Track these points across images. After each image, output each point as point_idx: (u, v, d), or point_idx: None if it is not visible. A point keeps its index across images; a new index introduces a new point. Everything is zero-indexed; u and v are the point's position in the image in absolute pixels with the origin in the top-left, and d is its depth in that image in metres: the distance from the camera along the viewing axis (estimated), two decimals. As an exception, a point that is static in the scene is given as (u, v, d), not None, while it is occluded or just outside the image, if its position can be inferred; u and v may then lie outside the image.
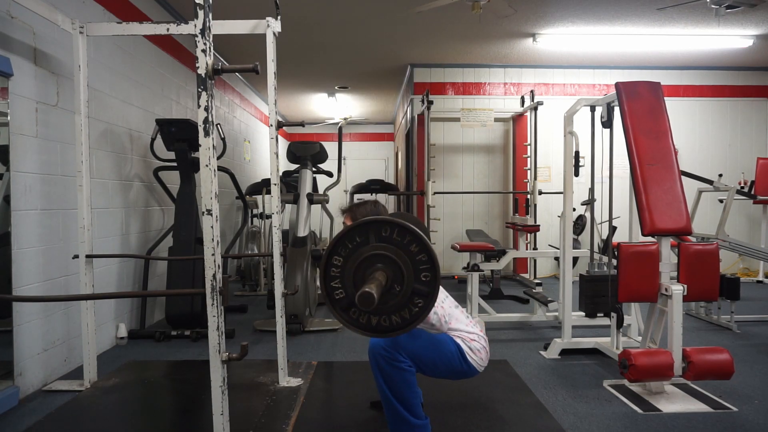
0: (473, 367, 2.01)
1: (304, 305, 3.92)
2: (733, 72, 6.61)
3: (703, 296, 2.61)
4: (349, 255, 1.55)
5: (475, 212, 6.70)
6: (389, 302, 1.53)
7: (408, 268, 1.53)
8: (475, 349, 2.01)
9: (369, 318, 1.57)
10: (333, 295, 1.57)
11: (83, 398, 2.63)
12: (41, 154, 2.80)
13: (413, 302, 1.54)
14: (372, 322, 1.57)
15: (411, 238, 1.53)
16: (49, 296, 1.88)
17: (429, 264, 1.53)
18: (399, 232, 1.53)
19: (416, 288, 1.53)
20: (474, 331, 2.06)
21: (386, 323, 1.57)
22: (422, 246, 1.53)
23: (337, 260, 1.56)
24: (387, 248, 1.53)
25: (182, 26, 2.67)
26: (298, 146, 4.80)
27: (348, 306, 1.57)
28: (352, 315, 1.58)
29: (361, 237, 1.55)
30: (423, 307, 1.54)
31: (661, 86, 2.85)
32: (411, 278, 1.53)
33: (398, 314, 1.56)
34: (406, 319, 1.56)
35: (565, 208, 3.36)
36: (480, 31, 5.26)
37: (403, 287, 1.53)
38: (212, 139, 1.46)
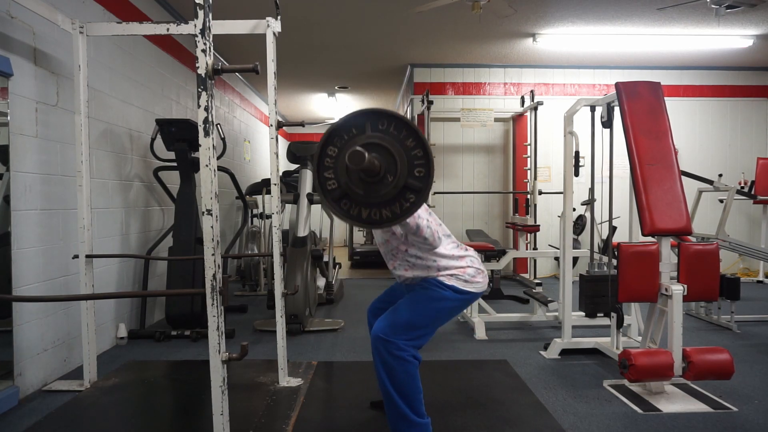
0: (474, 293, 2.02)
1: (304, 305, 3.92)
2: (733, 72, 6.61)
3: (703, 296, 2.61)
4: (344, 145, 1.54)
5: (475, 212, 6.70)
6: (381, 192, 1.52)
7: (402, 160, 1.51)
8: (470, 276, 2.00)
9: (360, 210, 1.56)
10: (326, 185, 1.57)
11: (83, 398, 2.63)
12: (41, 154, 2.80)
13: (405, 197, 1.53)
14: (362, 215, 1.57)
15: (408, 132, 1.52)
16: (49, 296, 1.88)
17: (424, 160, 1.52)
18: (396, 126, 1.52)
19: (409, 183, 1.52)
20: (465, 255, 2.05)
21: (376, 216, 1.56)
22: (418, 141, 1.52)
23: (332, 150, 1.55)
24: (383, 138, 1.51)
25: (182, 26, 2.67)
26: (298, 146, 4.80)
27: (340, 197, 1.56)
28: (344, 206, 1.57)
29: (357, 129, 1.54)
30: (414, 203, 1.53)
31: (661, 86, 2.84)
32: (404, 171, 1.51)
33: (389, 208, 1.55)
34: (396, 213, 1.55)
35: (565, 208, 3.36)
36: (480, 31, 5.26)
37: (395, 178, 1.51)
38: (212, 139, 1.46)
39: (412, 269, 2.04)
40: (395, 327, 1.90)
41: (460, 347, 3.52)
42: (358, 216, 1.57)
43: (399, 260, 2.06)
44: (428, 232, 1.84)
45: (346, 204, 1.57)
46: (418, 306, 1.96)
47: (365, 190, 1.53)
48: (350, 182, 1.54)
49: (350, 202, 1.56)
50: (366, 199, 1.54)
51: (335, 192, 1.56)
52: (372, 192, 1.53)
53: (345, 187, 1.55)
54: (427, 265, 2.00)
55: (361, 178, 1.53)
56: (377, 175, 1.51)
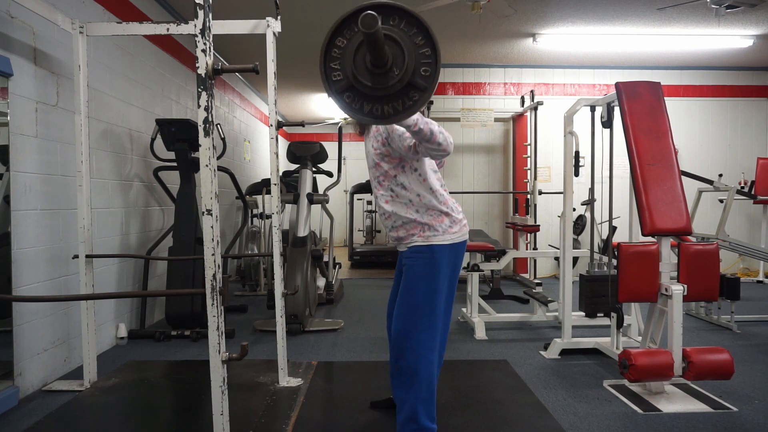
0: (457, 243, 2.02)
1: (304, 305, 3.92)
2: (733, 72, 6.61)
3: (703, 296, 2.61)
4: (352, 36, 1.51)
5: (475, 212, 6.70)
6: (385, 85, 1.50)
7: (410, 56, 1.49)
8: (446, 227, 2.00)
9: (362, 104, 1.54)
10: (331, 76, 1.54)
11: (83, 398, 2.63)
12: (41, 154, 2.80)
13: (408, 95, 1.51)
14: (365, 109, 1.55)
15: (418, 29, 1.50)
16: (49, 296, 1.88)
17: (431, 59, 1.50)
18: (407, 23, 1.50)
19: (414, 80, 1.50)
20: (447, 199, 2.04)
21: (378, 112, 1.54)
22: (428, 39, 1.49)
23: (340, 41, 1.52)
24: (393, 30, 1.49)
25: (182, 26, 2.66)
26: (298, 146, 4.80)
27: (344, 89, 1.54)
28: (347, 99, 1.55)
29: None
30: (417, 101, 1.51)
31: (661, 86, 2.85)
32: (411, 67, 1.49)
33: (391, 105, 1.53)
34: (398, 110, 1.53)
35: (565, 208, 3.36)
36: (480, 31, 5.26)
37: (401, 72, 1.49)
38: (212, 139, 1.46)
39: (392, 202, 2.03)
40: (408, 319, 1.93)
41: (460, 347, 3.52)
42: (361, 109, 1.55)
43: (383, 189, 2.05)
44: (441, 137, 1.80)
45: (350, 97, 1.55)
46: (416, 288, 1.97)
47: (371, 80, 1.51)
48: (356, 72, 1.51)
49: (353, 94, 1.54)
50: (370, 91, 1.52)
51: (340, 83, 1.54)
52: (376, 84, 1.50)
53: (350, 79, 1.52)
54: (409, 199, 2.00)
55: (368, 69, 1.51)
56: (385, 65, 1.49)
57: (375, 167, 2.07)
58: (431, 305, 1.97)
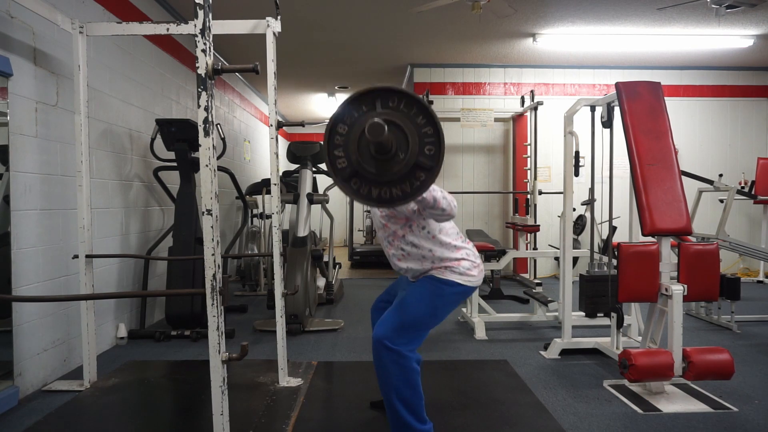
0: (468, 287, 2.02)
1: (304, 305, 3.92)
2: (733, 72, 6.60)
3: (703, 296, 2.61)
4: (354, 123, 1.52)
5: (475, 212, 6.70)
6: (392, 170, 1.51)
7: (413, 138, 1.49)
8: (465, 270, 2.00)
9: (370, 189, 1.55)
10: (336, 164, 1.54)
11: (83, 398, 2.63)
12: (41, 154, 2.80)
13: (415, 176, 1.52)
14: (373, 194, 1.55)
15: (418, 109, 1.50)
16: (49, 296, 1.88)
17: (434, 138, 1.50)
18: (407, 103, 1.50)
19: (419, 161, 1.51)
20: (462, 246, 2.04)
21: (387, 195, 1.54)
22: (429, 118, 1.50)
23: (342, 128, 1.53)
24: (393, 115, 1.50)
25: (182, 26, 2.66)
26: (298, 146, 4.80)
27: (350, 176, 1.54)
28: (354, 185, 1.55)
29: (367, 105, 1.51)
30: (424, 182, 1.52)
31: (661, 86, 2.84)
32: (415, 149, 1.50)
33: (399, 187, 1.53)
34: (407, 192, 1.53)
35: (565, 208, 3.36)
36: (480, 31, 5.26)
37: (406, 156, 1.50)
38: (212, 139, 1.46)
39: (405, 259, 2.03)
40: (395, 329, 1.90)
41: (460, 347, 3.52)
42: (369, 195, 1.55)
43: (394, 248, 2.05)
44: (445, 203, 1.81)
45: (357, 183, 1.55)
46: (415, 304, 1.96)
47: (376, 168, 1.51)
48: (361, 160, 1.52)
49: (360, 180, 1.55)
50: (377, 177, 1.52)
51: (345, 170, 1.54)
52: (383, 170, 1.51)
53: (356, 165, 1.53)
54: (422, 255, 1.99)
55: (373, 156, 1.51)
56: (389, 152, 1.50)
57: (383, 228, 2.07)
58: (422, 328, 1.96)
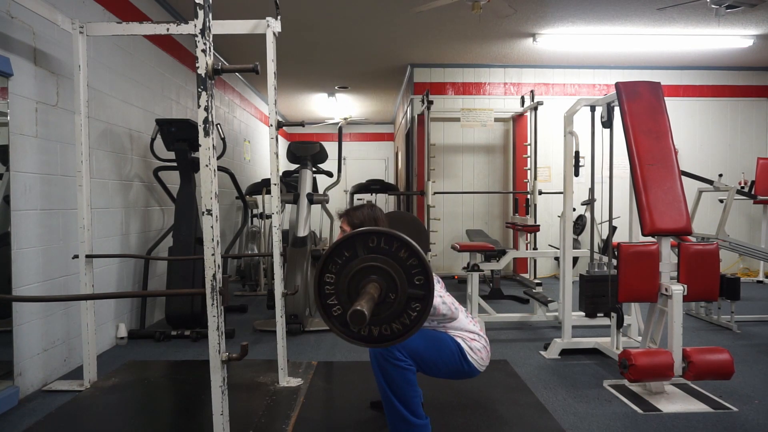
0: (474, 367, 2.01)
1: (304, 305, 3.92)
2: (733, 72, 6.61)
3: (703, 296, 2.61)
4: (340, 270, 1.55)
5: (475, 212, 6.70)
6: (386, 312, 1.53)
7: (400, 275, 1.52)
8: (476, 348, 2.01)
9: (370, 330, 1.57)
10: (330, 312, 1.57)
11: (83, 398, 2.63)
12: (41, 154, 2.80)
13: (411, 307, 1.54)
14: (374, 333, 1.57)
15: (399, 244, 1.52)
16: (49, 296, 1.88)
17: (420, 267, 1.53)
18: (386, 241, 1.53)
19: (411, 293, 1.53)
20: (474, 330, 2.06)
21: (387, 332, 1.57)
22: (411, 251, 1.53)
23: (329, 278, 1.55)
24: (376, 258, 1.53)
25: (182, 26, 2.66)
26: (298, 146, 4.80)
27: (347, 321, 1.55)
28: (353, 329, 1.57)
29: (349, 251, 1.54)
30: (421, 311, 1.54)
31: (661, 86, 2.84)
32: (404, 284, 1.52)
33: (398, 321, 1.55)
34: (407, 324, 1.55)
35: (565, 208, 3.36)
36: (480, 31, 5.26)
37: (398, 295, 1.52)
38: (212, 139, 1.46)
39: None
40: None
41: (460, 347, 3.52)
42: (370, 335, 1.57)
43: None
44: (444, 308, 1.87)
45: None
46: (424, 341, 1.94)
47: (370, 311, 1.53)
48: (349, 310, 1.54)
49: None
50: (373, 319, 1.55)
51: (342, 317, 1.57)
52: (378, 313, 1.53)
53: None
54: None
55: None
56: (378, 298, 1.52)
57: None
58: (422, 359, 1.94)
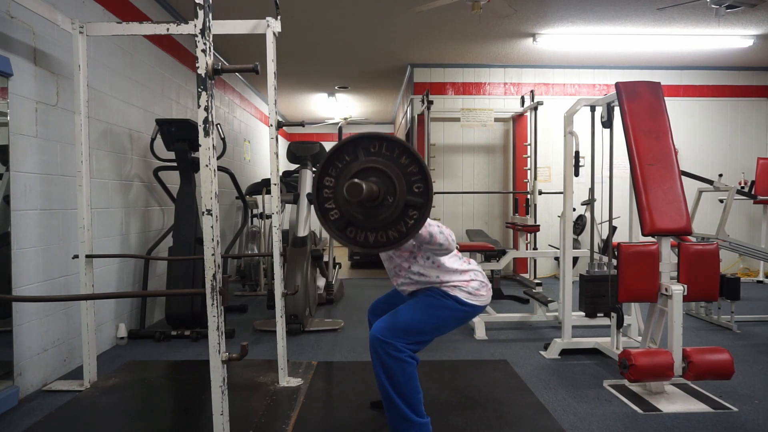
0: (477, 305, 2.02)
1: (304, 305, 3.92)
2: (733, 72, 6.61)
3: (703, 296, 2.61)
4: (339, 174, 1.54)
5: (475, 212, 6.70)
6: (384, 215, 1.52)
7: (400, 180, 1.51)
8: (473, 290, 2.01)
9: (366, 235, 1.56)
10: (328, 216, 1.57)
11: (83, 398, 2.63)
12: (41, 154, 2.80)
13: (408, 215, 1.54)
14: (369, 239, 1.56)
15: (400, 150, 1.52)
16: (49, 296, 1.88)
17: (420, 175, 1.52)
18: (388, 146, 1.52)
19: (410, 200, 1.52)
20: (469, 269, 2.04)
21: (383, 239, 1.56)
22: (412, 158, 1.52)
23: (328, 181, 1.55)
24: (377, 161, 1.52)
25: (182, 26, 2.66)
26: (298, 146, 4.80)
27: (344, 225, 1.56)
28: (349, 234, 1.57)
29: (350, 155, 1.54)
30: (418, 219, 1.53)
31: (661, 86, 2.84)
32: (404, 189, 1.51)
33: (394, 228, 1.55)
34: (403, 232, 1.54)
35: (565, 208, 3.36)
36: (480, 31, 5.26)
37: (396, 199, 1.51)
38: (212, 139, 1.46)
39: (415, 285, 2.06)
40: (394, 329, 1.90)
41: (460, 347, 3.52)
42: (366, 241, 1.57)
43: (402, 278, 2.07)
44: (442, 238, 1.83)
45: (352, 231, 1.57)
46: (420, 311, 1.96)
47: (367, 215, 1.53)
48: (352, 209, 1.54)
49: (355, 228, 1.57)
50: (370, 223, 1.54)
51: (339, 221, 1.56)
52: (375, 216, 1.53)
53: (348, 215, 1.55)
54: (430, 281, 2.01)
55: (363, 204, 1.53)
56: (377, 199, 1.52)
57: (389, 260, 2.08)
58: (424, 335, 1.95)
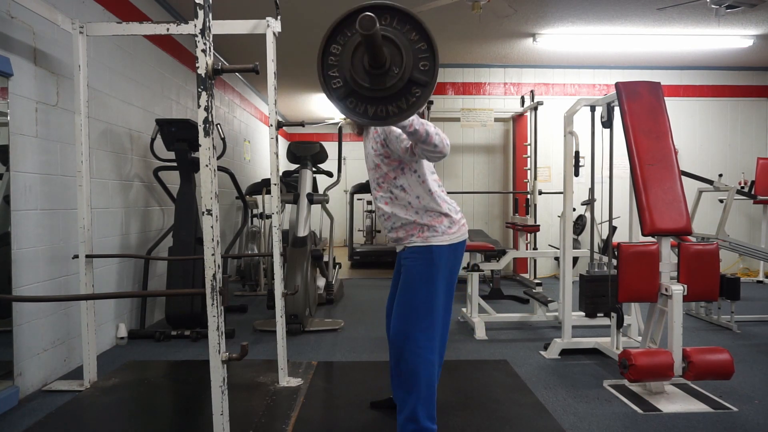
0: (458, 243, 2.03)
1: (304, 305, 3.92)
2: (733, 72, 6.60)
3: (703, 296, 2.61)
4: (346, 42, 1.51)
5: (475, 212, 6.70)
6: (387, 83, 1.50)
7: (407, 53, 1.49)
8: (446, 227, 2.00)
9: (366, 108, 1.54)
10: (330, 84, 1.54)
11: (83, 398, 2.63)
12: (41, 154, 2.80)
13: (410, 92, 1.51)
14: (369, 112, 1.54)
15: (411, 26, 1.49)
16: (49, 296, 1.88)
17: (428, 53, 1.49)
18: (399, 20, 1.49)
19: (414, 76, 1.50)
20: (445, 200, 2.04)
21: (383, 113, 1.53)
22: (422, 34, 1.49)
23: (335, 48, 1.52)
24: (386, 29, 1.49)
25: (182, 26, 2.66)
26: (298, 146, 4.80)
27: (346, 95, 1.54)
28: (350, 104, 1.54)
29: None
30: (420, 97, 1.50)
31: (661, 86, 2.85)
32: (410, 63, 1.49)
33: (395, 104, 1.52)
34: (403, 108, 1.52)
35: (565, 208, 3.36)
36: (480, 31, 5.25)
37: (401, 70, 1.48)
38: (212, 139, 1.46)
39: (391, 203, 2.04)
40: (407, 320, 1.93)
41: (460, 347, 3.52)
42: (365, 113, 1.54)
43: (383, 190, 2.06)
44: (437, 139, 1.78)
45: (352, 102, 1.54)
46: (415, 289, 1.98)
47: (371, 82, 1.50)
48: (356, 76, 1.51)
49: (356, 99, 1.54)
50: (372, 93, 1.52)
51: (341, 90, 1.54)
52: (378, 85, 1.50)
53: (351, 83, 1.52)
54: (408, 201, 2.00)
55: (367, 71, 1.50)
56: (383, 66, 1.49)
57: (375, 169, 2.07)
58: (430, 306, 1.97)
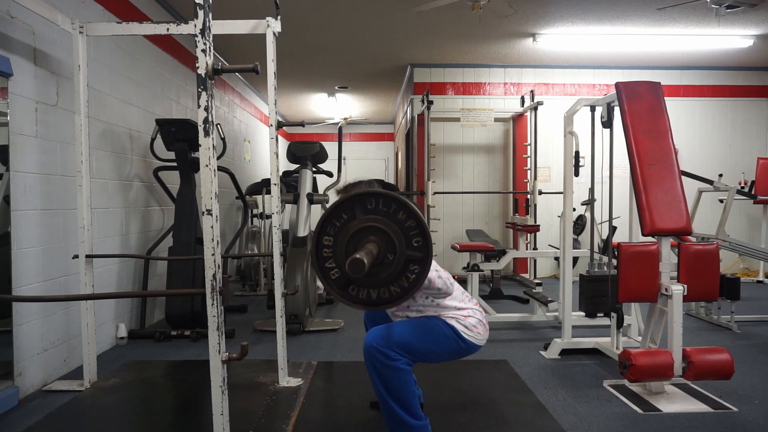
0: (472, 343, 1.98)
1: (304, 305, 3.92)
2: (733, 72, 6.60)
3: (703, 296, 2.61)
4: (338, 233, 1.54)
5: (475, 212, 6.70)
6: (385, 273, 1.52)
7: (399, 236, 1.52)
8: (471, 325, 1.97)
9: (368, 292, 1.56)
10: (329, 275, 1.57)
11: (83, 398, 2.63)
12: (41, 154, 2.80)
13: (409, 269, 1.54)
14: (372, 296, 1.56)
15: (397, 206, 1.52)
16: (49, 296, 1.88)
17: (419, 229, 1.52)
18: (384, 203, 1.53)
19: (410, 255, 1.52)
20: (468, 306, 2.02)
21: (386, 295, 1.56)
22: (409, 212, 1.52)
23: (327, 240, 1.55)
24: (375, 219, 1.52)
25: (182, 26, 2.66)
26: (298, 146, 4.80)
27: (346, 284, 1.56)
28: (351, 292, 1.57)
29: (347, 213, 1.54)
30: (419, 273, 1.53)
31: (661, 86, 2.84)
32: (403, 246, 1.52)
33: (396, 284, 1.55)
34: (405, 287, 1.55)
35: (565, 208, 3.36)
36: (480, 31, 5.25)
37: (396, 256, 1.52)
38: (212, 139, 1.46)
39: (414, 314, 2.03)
40: (389, 341, 1.86)
41: (460, 347, 3.52)
42: (368, 298, 1.57)
43: (400, 316, 2.04)
44: (440, 282, 1.83)
45: (354, 289, 1.57)
46: (417, 332, 1.91)
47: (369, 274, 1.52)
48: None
49: (357, 286, 1.57)
50: (372, 281, 1.55)
51: (340, 280, 1.56)
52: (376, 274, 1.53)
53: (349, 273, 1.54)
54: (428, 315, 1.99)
55: None
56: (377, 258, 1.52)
57: None
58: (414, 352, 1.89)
